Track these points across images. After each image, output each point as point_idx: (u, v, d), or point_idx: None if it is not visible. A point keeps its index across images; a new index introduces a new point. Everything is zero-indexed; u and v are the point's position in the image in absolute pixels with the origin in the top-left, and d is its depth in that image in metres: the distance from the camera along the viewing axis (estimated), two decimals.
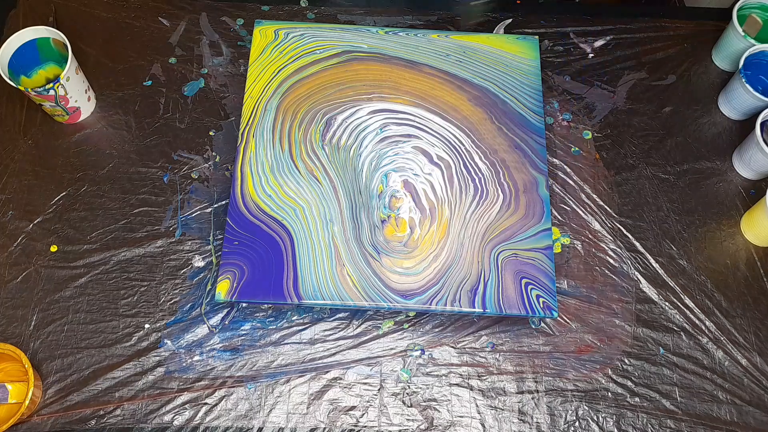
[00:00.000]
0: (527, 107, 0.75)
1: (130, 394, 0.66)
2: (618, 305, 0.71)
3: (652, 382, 0.68)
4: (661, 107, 0.82)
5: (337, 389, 0.67)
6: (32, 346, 0.67)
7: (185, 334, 0.68)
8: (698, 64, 0.84)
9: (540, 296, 0.66)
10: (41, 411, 0.65)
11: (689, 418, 0.67)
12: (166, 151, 0.77)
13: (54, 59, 0.76)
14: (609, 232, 0.75)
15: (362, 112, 0.74)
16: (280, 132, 0.72)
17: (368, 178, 0.70)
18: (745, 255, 0.74)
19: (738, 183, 0.78)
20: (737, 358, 0.69)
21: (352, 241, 0.68)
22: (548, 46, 0.84)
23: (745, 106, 0.78)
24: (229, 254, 0.67)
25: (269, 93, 0.74)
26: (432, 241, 0.68)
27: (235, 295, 0.65)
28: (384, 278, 0.66)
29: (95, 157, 0.76)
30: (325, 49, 0.77)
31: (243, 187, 0.69)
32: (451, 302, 0.66)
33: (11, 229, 0.72)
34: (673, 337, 0.70)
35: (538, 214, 0.70)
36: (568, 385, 0.68)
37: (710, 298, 0.72)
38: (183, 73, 0.81)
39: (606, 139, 0.80)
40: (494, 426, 0.66)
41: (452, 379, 0.68)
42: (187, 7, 0.85)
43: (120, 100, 0.79)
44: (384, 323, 0.70)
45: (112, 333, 0.68)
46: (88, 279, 0.70)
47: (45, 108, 0.75)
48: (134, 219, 0.73)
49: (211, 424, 0.65)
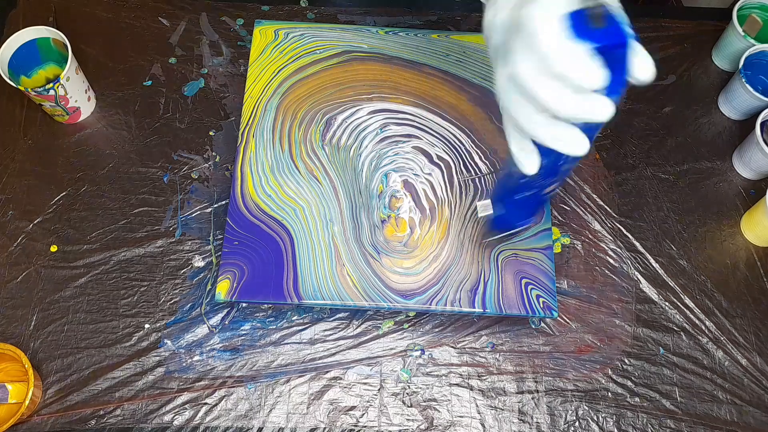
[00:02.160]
0: None
1: (130, 394, 0.66)
2: (618, 305, 0.71)
3: (652, 382, 0.68)
4: (661, 107, 0.82)
5: (337, 389, 0.67)
6: (32, 346, 0.68)
7: (185, 334, 0.68)
8: (698, 64, 0.84)
9: (540, 296, 0.66)
10: (41, 411, 0.65)
11: (689, 418, 0.67)
12: (166, 151, 0.77)
13: (54, 59, 0.76)
14: (609, 232, 0.75)
15: (362, 112, 0.74)
16: (280, 132, 0.72)
17: (368, 178, 0.70)
18: (745, 255, 0.74)
19: (738, 183, 0.78)
20: (737, 358, 0.69)
21: (352, 241, 0.68)
22: None
23: (745, 106, 0.78)
24: (229, 254, 0.67)
25: (269, 93, 0.74)
26: (432, 241, 0.68)
27: (235, 295, 0.65)
28: (384, 278, 0.66)
29: (95, 157, 0.76)
30: (325, 49, 0.77)
31: (243, 187, 0.69)
32: (451, 302, 0.66)
33: (11, 229, 0.72)
34: (673, 337, 0.70)
35: (538, 214, 0.70)
36: (568, 385, 0.68)
37: (710, 298, 0.72)
38: (183, 73, 0.81)
39: (606, 139, 0.80)
40: (494, 426, 0.66)
41: (452, 379, 0.68)
42: (187, 7, 0.85)
43: (120, 100, 0.79)
44: (384, 323, 0.70)
45: (112, 333, 0.68)
46: (88, 279, 0.70)
47: (45, 108, 0.75)
48: (134, 219, 0.73)
49: (211, 424, 0.65)
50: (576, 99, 0.38)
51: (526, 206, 0.58)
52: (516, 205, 0.56)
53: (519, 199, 0.54)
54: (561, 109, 0.39)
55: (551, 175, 0.48)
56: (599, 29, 0.37)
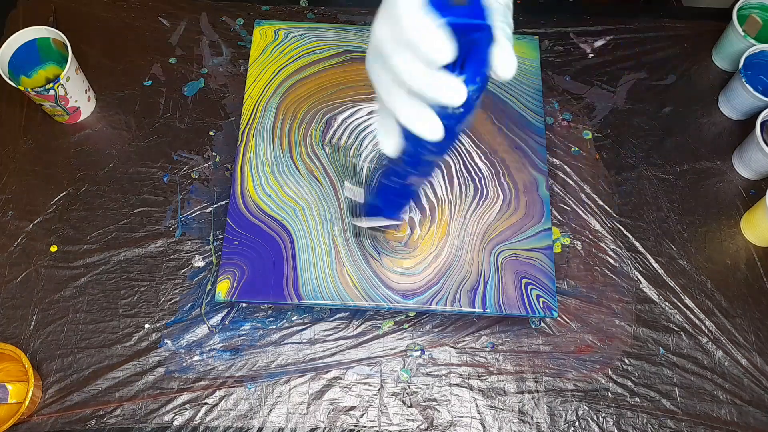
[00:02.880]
0: (527, 107, 0.75)
1: (130, 394, 0.66)
2: (618, 305, 0.71)
3: (652, 382, 0.68)
4: (661, 107, 0.82)
5: (337, 389, 0.67)
6: (32, 346, 0.68)
7: (185, 334, 0.68)
8: (698, 64, 0.84)
9: (540, 296, 0.66)
10: (41, 411, 0.65)
11: (689, 418, 0.67)
12: (166, 151, 0.77)
13: (54, 59, 0.76)
14: (609, 232, 0.75)
15: (362, 112, 0.74)
16: (280, 132, 0.72)
17: (368, 178, 0.70)
18: (745, 255, 0.74)
19: (738, 183, 0.78)
20: (737, 358, 0.69)
21: (352, 241, 0.68)
22: (548, 46, 0.84)
23: (745, 106, 0.78)
24: (229, 254, 0.67)
25: (269, 93, 0.74)
26: (432, 241, 0.68)
27: (235, 295, 0.65)
28: (384, 278, 0.66)
29: (95, 157, 0.76)
30: (325, 49, 0.77)
31: (243, 187, 0.69)
32: (451, 302, 0.66)
33: (11, 229, 0.72)
34: (673, 337, 0.70)
35: (538, 214, 0.70)
36: (568, 385, 0.68)
37: (710, 298, 0.72)
38: (183, 73, 0.81)
39: (606, 139, 0.80)
40: (494, 426, 0.66)
41: (452, 379, 0.68)
42: (187, 7, 0.85)
43: (120, 100, 0.79)
44: (384, 323, 0.70)
45: (112, 333, 0.68)
46: (88, 279, 0.70)
47: (45, 108, 0.75)
48: (134, 219, 0.73)
49: (211, 424, 0.65)
50: (426, 74, 0.37)
51: (392, 195, 0.56)
52: (384, 192, 0.55)
53: (386, 186, 0.53)
54: (410, 81, 0.38)
55: (414, 165, 0.47)
56: (459, 6, 0.37)
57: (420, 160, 0.46)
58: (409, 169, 0.48)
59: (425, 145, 0.42)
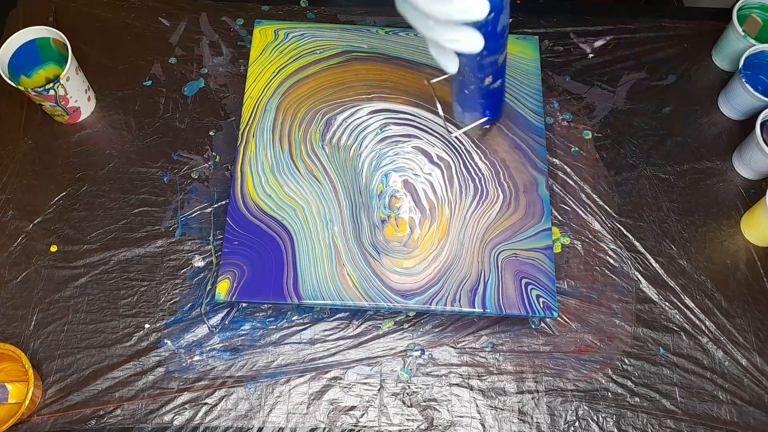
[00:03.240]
0: (527, 107, 0.75)
1: (130, 394, 0.66)
2: (618, 305, 0.71)
3: (652, 382, 0.68)
4: (661, 107, 0.82)
5: (337, 389, 0.67)
6: (32, 346, 0.68)
7: (185, 334, 0.68)
8: (698, 64, 0.84)
9: (540, 296, 0.66)
10: (41, 411, 0.65)
11: (689, 418, 0.67)
12: (166, 151, 0.77)
13: (54, 59, 0.76)
14: (609, 232, 0.75)
15: (362, 112, 0.74)
16: (280, 132, 0.72)
17: (368, 178, 0.70)
18: (745, 255, 0.74)
19: (738, 183, 0.78)
20: (737, 358, 0.69)
21: (352, 241, 0.68)
22: (548, 46, 0.84)
23: (745, 106, 0.78)
24: (229, 254, 0.67)
25: (269, 93, 0.74)
26: (432, 241, 0.68)
27: (235, 295, 0.65)
28: (384, 278, 0.66)
29: (95, 157, 0.76)
30: (325, 49, 0.77)
31: (243, 187, 0.69)
32: (451, 302, 0.66)
33: (11, 229, 0.72)
34: (673, 337, 0.70)
35: (538, 214, 0.70)
36: (568, 385, 0.68)
37: (710, 298, 0.72)
38: (183, 73, 0.81)
39: (606, 139, 0.80)
40: (494, 426, 0.66)
41: (452, 379, 0.68)
42: (187, 7, 0.85)
43: (120, 100, 0.79)
44: (384, 323, 0.70)
45: (112, 333, 0.68)
46: (88, 279, 0.70)
47: (45, 108, 0.75)
48: (134, 219, 0.73)
49: (211, 424, 0.65)
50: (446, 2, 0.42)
51: (482, 98, 0.59)
52: (472, 97, 0.59)
53: (473, 92, 0.57)
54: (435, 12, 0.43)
55: (479, 70, 0.52)
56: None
57: (482, 65, 0.52)
58: (478, 74, 0.53)
59: (481, 53, 0.48)
